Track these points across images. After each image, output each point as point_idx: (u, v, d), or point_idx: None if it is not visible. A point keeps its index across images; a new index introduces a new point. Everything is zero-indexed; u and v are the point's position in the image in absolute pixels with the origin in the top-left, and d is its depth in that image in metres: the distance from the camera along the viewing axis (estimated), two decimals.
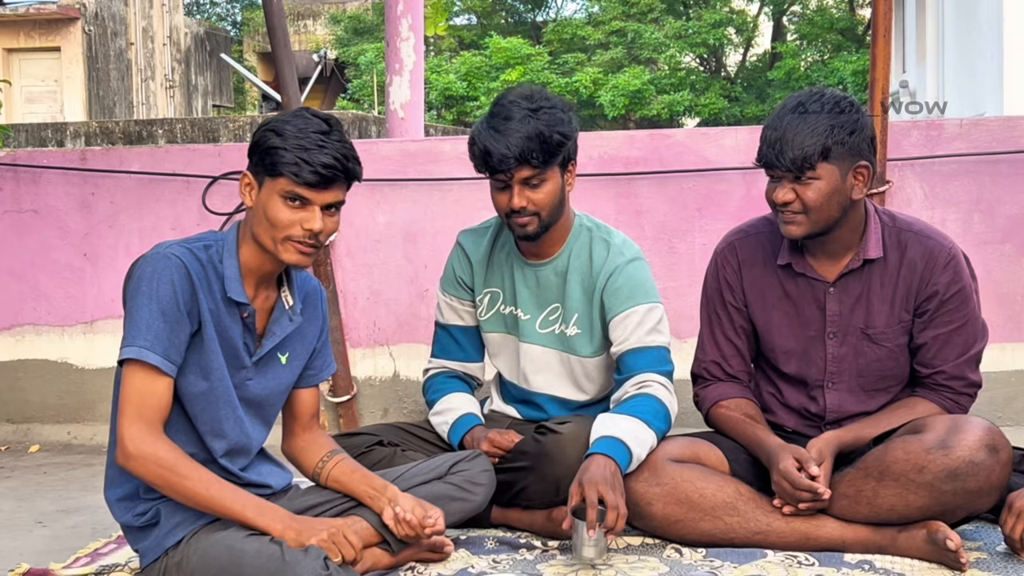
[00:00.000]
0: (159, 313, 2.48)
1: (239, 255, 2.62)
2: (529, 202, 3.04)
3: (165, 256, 2.52)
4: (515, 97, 3.07)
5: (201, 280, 2.54)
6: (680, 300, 4.34)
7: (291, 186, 2.52)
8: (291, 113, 2.60)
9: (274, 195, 2.54)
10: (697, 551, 2.89)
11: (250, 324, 2.63)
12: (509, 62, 27.25)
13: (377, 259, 4.70)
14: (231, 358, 2.62)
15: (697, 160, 4.54)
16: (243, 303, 2.60)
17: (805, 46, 29.23)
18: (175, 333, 2.50)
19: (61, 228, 4.95)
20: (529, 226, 3.08)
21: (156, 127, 16.73)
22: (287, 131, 2.53)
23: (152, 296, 2.48)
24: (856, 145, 2.85)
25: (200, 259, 2.56)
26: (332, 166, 2.53)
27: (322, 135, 2.54)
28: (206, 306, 2.55)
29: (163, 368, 2.48)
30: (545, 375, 3.28)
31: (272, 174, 2.54)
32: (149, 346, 2.47)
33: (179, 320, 2.50)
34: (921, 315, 2.97)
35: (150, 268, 2.51)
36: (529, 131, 2.98)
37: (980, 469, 2.69)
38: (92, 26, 23.80)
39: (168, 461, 2.48)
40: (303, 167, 2.51)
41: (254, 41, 32.51)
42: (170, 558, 2.57)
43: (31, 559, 3.05)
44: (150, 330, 2.47)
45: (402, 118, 6.07)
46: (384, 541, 2.75)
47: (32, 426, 5.01)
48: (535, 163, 3.00)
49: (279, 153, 2.51)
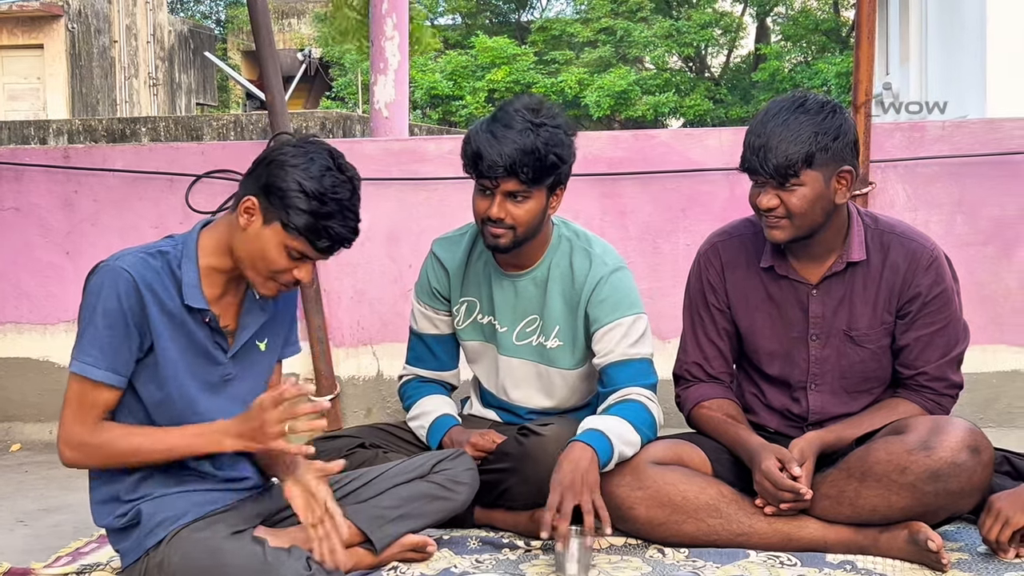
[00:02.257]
0: (105, 328, 2.49)
1: (200, 260, 2.58)
2: (508, 215, 2.98)
3: (114, 270, 2.51)
4: (521, 107, 2.99)
5: (155, 290, 2.52)
6: (664, 301, 4.34)
7: (303, 247, 2.50)
8: (314, 156, 2.50)
9: (278, 242, 2.50)
10: (680, 551, 2.89)
11: (214, 326, 2.61)
12: (495, 62, 27.28)
13: (361, 258, 4.69)
14: (202, 359, 2.61)
15: (681, 161, 4.55)
16: (202, 309, 2.58)
17: (789, 47, 29.32)
18: (123, 346, 2.51)
19: (43, 226, 4.93)
20: (502, 239, 3.02)
21: (139, 125, 16.69)
22: (311, 189, 2.45)
23: (98, 311, 2.49)
24: (839, 150, 2.84)
25: (155, 267, 2.54)
26: (347, 239, 2.53)
27: (346, 202, 2.49)
28: (158, 316, 2.53)
29: (107, 382, 2.52)
30: (524, 389, 3.27)
31: (285, 227, 2.48)
32: (92, 362, 2.50)
33: (127, 334, 2.50)
34: (903, 317, 2.98)
35: (98, 281, 2.52)
36: (526, 145, 2.91)
37: (962, 470, 2.70)
38: (75, 23, 23.72)
39: (100, 436, 2.54)
40: (322, 238, 2.49)
41: (238, 39, 32.43)
42: (151, 558, 2.55)
43: (12, 558, 3.04)
44: (94, 345, 2.50)
45: (387, 117, 6.08)
46: (366, 540, 2.74)
47: (13, 424, 4.98)
48: (523, 179, 2.94)
49: (300, 215, 2.46)
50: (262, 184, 2.50)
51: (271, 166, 2.50)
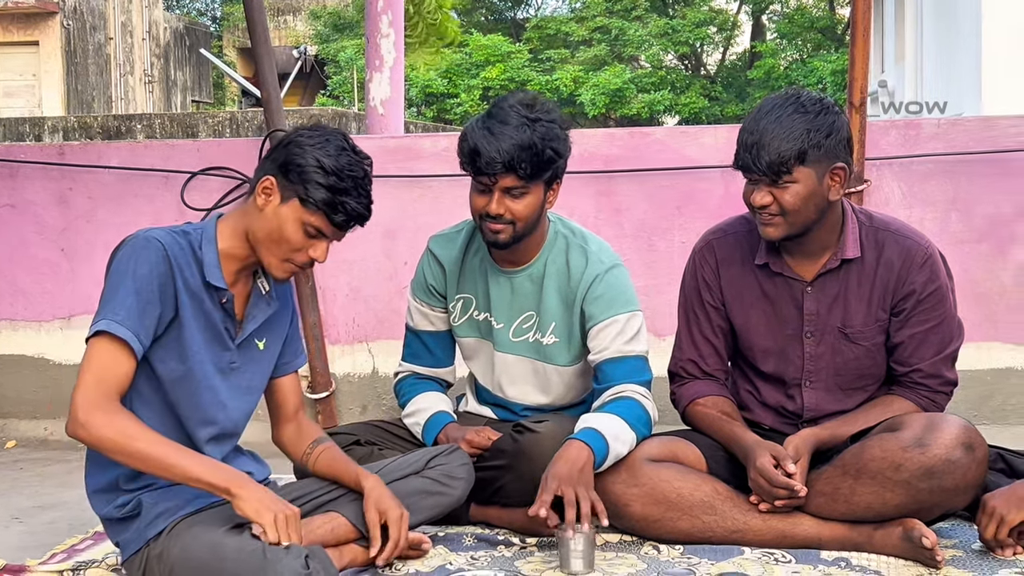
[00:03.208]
0: (134, 292, 2.49)
1: (218, 244, 2.64)
2: (507, 211, 2.99)
3: (146, 239, 2.54)
4: (515, 103, 3.00)
5: (180, 265, 2.56)
6: (660, 298, 4.35)
7: (321, 222, 2.58)
8: (331, 138, 2.62)
9: (296, 220, 2.58)
10: (675, 548, 2.90)
11: (229, 309, 2.65)
12: (489, 59, 27.27)
13: (356, 255, 4.69)
14: (216, 341, 2.65)
15: (677, 158, 4.55)
16: (222, 288, 2.62)
17: (785, 45, 29.32)
18: (147, 314, 2.50)
19: (38, 223, 4.92)
20: (502, 234, 3.03)
21: (135, 122, 16.65)
22: (329, 165, 2.55)
23: (128, 275, 2.50)
24: (832, 147, 2.85)
25: (180, 244, 2.59)
26: (362, 216, 2.61)
27: (362, 180, 2.59)
28: (184, 290, 2.56)
29: (131, 343, 2.48)
30: (520, 386, 3.27)
31: (304, 203, 2.56)
32: (120, 320, 2.47)
33: (152, 301, 2.51)
34: (898, 314, 2.99)
35: (130, 248, 2.54)
36: (523, 140, 2.93)
37: (956, 467, 2.71)
38: (71, 20, 23.67)
39: (120, 425, 2.45)
40: (339, 213, 2.57)
41: (234, 36, 32.37)
42: (151, 549, 2.56)
43: (7, 555, 3.04)
44: (123, 307, 2.48)
45: (382, 114, 6.07)
46: (361, 537, 2.75)
47: (8, 421, 4.98)
48: (521, 174, 2.95)
49: (319, 189, 2.55)
50: (280, 164, 2.60)
51: (289, 147, 2.60)
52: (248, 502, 2.46)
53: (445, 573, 2.72)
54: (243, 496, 2.46)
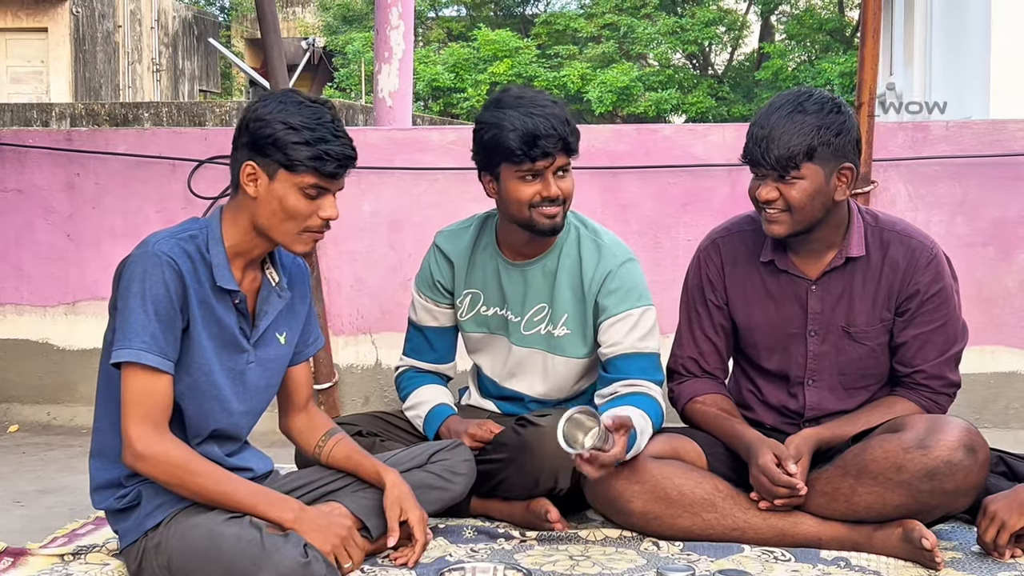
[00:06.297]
0: (153, 313, 2.48)
1: (224, 241, 2.61)
2: (561, 191, 3.00)
3: (156, 255, 2.50)
4: (520, 91, 3.02)
5: (190, 274, 2.54)
6: (664, 295, 4.33)
7: (314, 179, 2.54)
8: (284, 99, 2.57)
9: (292, 188, 2.54)
10: (674, 544, 2.90)
11: (242, 309, 2.64)
12: (497, 55, 27.21)
13: (362, 247, 4.70)
14: (230, 345, 2.63)
15: (683, 156, 4.55)
16: (233, 290, 2.60)
17: (793, 46, 29.26)
18: (169, 331, 2.50)
19: (45, 208, 4.93)
20: (558, 216, 3.03)
21: (142, 110, 16.66)
22: (297, 123, 2.52)
23: (145, 297, 2.48)
24: (841, 146, 2.85)
25: (188, 252, 2.55)
26: (350, 156, 2.57)
27: (332, 124, 2.55)
28: (195, 301, 2.55)
29: (161, 367, 2.49)
30: (529, 378, 3.26)
31: (291, 168, 2.53)
32: (147, 348, 2.47)
33: (173, 318, 2.51)
34: (902, 314, 2.99)
35: (141, 268, 2.50)
36: (564, 116, 2.96)
37: (958, 469, 2.71)
38: (80, 8, 23.66)
39: (179, 459, 2.51)
40: (327, 162, 2.53)
41: (242, 27, 32.35)
42: (149, 539, 2.57)
43: (8, 538, 3.04)
44: (145, 331, 2.47)
45: (390, 106, 6.06)
46: (363, 528, 2.75)
47: (11, 406, 4.99)
48: (573, 147, 2.98)
49: (298, 148, 2.51)
50: (250, 145, 2.56)
51: (251, 126, 2.56)
52: (307, 534, 2.53)
53: (444, 565, 2.72)
54: (301, 528, 2.53)
